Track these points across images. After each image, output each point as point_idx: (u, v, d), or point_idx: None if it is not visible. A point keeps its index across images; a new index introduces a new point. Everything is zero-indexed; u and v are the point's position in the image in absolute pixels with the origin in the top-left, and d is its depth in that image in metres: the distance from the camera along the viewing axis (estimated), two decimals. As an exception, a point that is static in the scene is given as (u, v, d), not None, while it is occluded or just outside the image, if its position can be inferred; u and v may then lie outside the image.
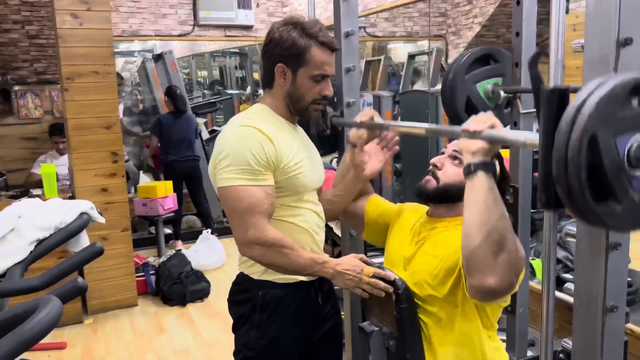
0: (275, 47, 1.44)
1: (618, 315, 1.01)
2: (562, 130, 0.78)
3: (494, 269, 1.09)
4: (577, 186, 0.76)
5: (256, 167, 1.36)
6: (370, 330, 1.52)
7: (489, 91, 2.18)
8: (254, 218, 1.35)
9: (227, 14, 6.04)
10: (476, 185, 1.12)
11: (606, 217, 0.78)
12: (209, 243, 4.46)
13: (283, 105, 1.49)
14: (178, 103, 4.92)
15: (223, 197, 1.40)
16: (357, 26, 1.92)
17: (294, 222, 1.48)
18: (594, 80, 0.79)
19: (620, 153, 0.77)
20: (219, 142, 1.43)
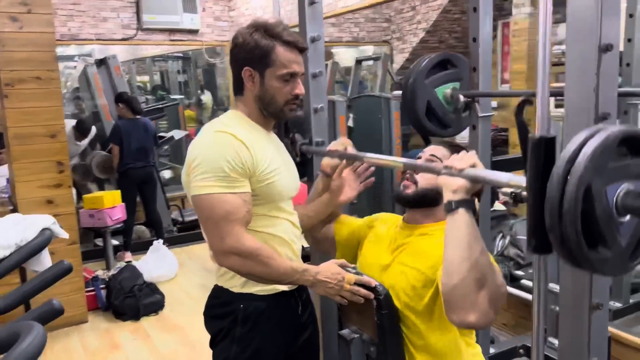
0: (240, 51, 1.41)
1: (603, 312, 1.05)
2: (555, 180, 0.80)
3: (475, 306, 1.08)
4: (573, 236, 0.78)
5: (232, 174, 1.32)
6: (351, 337, 1.50)
7: (447, 95, 2.23)
8: (230, 226, 1.31)
9: (172, 18, 5.90)
10: (457, 222, 1.13)
11: (598, 263, 0.81)
12: (160, 254, 4.32)
13: (256, 110, 1.45)
14: (136, 106, 4.78)
15: (198, 206, 1.35)
16: (322, 31, 1.91)
17: (271, 232, 1.44)
18: (581, 132, 0.82)
19: (610, 202, 0.80)
20: (193, 149, 1.38)
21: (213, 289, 1.53)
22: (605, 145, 0.79)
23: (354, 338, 1.50)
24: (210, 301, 1.53)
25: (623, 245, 0.82)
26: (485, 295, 1.07)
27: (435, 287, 1.32)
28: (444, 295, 1.13)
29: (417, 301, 1.36)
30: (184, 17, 5.94)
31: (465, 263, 1.08)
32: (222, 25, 6.40)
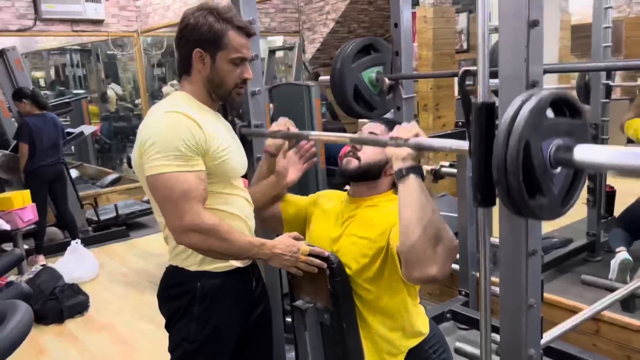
0: (191, 32, 1.42)
1: (537, 258, 1.19)
2: (500, 138, 0.91)
3: (434, 259, 1.18)
4: (516, 185, 0.90)
5: (187, 152, 1.34)
6: (305, 307, 1.57)
7: (373, 79, 2.35)
8: (189, 204, 1.33)
9: (73, 8, 5.60)
10: (409, 187, 1.22)
11: (537, 210, 0.93)
12: (80, 254, 4.14)
13: (203, 92, 1.48)
14: (42, 100, 4.52)
15: (154, 186, 1.35)
16: (256, 15, 1.94)
17: (226, 209, 1.48)
18: (518, 97, 0.93)
19: (545, 156, 0.92)
20: (144, 131, 1.38)
21: (167, 270, 1.54)
22: (539, 106, 0.91)
23: (309, 307, 1.57)
24: (164, 283, 1.53)
25: (556, 194, 0.95)
26: (441, 249, 1.18)
27: (385, 253, 1.42)
28: (404, 255, 1.23)
29: (368, 268, 1.46)
30: (86, 7, 5.67)
31: (420, 223, 1.18)
32: (127, 15, 6.16)
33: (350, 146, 1.59)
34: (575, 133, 0.94)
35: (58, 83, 9.22)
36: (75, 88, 8.94)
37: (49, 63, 9.35)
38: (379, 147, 1.55)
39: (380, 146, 1.37)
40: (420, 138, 1.24)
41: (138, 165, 1.40)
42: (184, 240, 1.37)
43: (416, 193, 1.21)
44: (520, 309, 1.19)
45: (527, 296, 1.18)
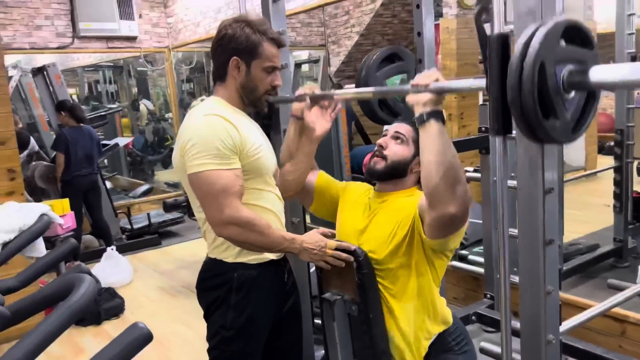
0: (229, 41, 1.55)
1: (554, 247, 1.26)
2: (514, 61, 0.95)
3: (454, 198, 1.29)
4: (530, 104, 0.93)
5: (225, 151, 1.45)
6: (334, 299, 1.66)
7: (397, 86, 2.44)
8: (228, 199, 1.44)
9: (109, 25, 5.85)
10: (429, 131, 1.30)
11: (550, 130, 0.96)
12: (115, 261, 4.30)
13: (236, 97, 1.60)
14: (79, 113, 4.73)
15: (196, 182, 1.47)
16: (285, 27, 2.07)
17: (260, 204, 1.58)
18: (532, 24, 0.96)
19: (558, 79, 0.96)
20: (185, 132, 1.50)
21: (205, 262, 1.65)
22: (554, 30, 0.94)
23: (337, 299, 1.65)
24: (203, 274, 1.64)
25: (568, 117, 0.98)
26: (460, 189, 1.29)
27: (411, 234, 1.51)
28: (427, 196, 1.33)
29: (396, 251, 1.54)
30: (121, 24, 5.91)
31: (441, 165, 1.28)
32: (159, 32, 6.40)
33: (377, 145, 1.68)
34: (588, 61, 0.96)
35: (91, 99, 9.56)
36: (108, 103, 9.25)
37: (82, 80, 9.70)
38: (404, 145, 1.65)
39: (403, 94, 1.44)
40: (440, 82, 1.30)
41: (179, 165, 1.51)
42: (223, 233, 1.48)
43: (437, 137, 1.29)
44: (538, 295, 1.25)
45: (545, 283, 1.25)
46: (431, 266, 1.56)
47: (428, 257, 1.54)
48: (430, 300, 1.58)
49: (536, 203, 1.22)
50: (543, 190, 1.21)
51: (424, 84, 1.29)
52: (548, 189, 1.22)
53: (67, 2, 5.67)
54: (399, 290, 1.57)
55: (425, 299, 1.57)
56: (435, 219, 1.35)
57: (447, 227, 1.39)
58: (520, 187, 1.25)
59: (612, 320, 2.53)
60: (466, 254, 3.71)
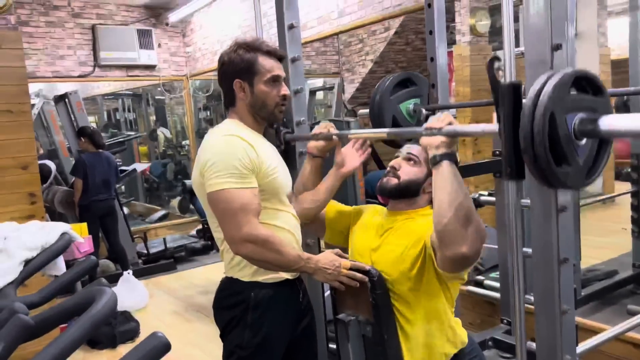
0: (227, 68, 1.61)
1: (569, 265, 1.26)
2: (526, 111, 1.00)
3: (465, 239, 1.30)
4: (543, 154, 0.97)
5: (243, 170, 1.49)
6: (348, 320, 1.66)
7: (410, 110, 2.47)
8: (246, 217, 1.47)
9: (128, 54, 6.01)
10: (443, 172, 1.34)
11: (562, 177, 1.00)
12: (131, 285, 4.33)
13: (249, 117, 1.64)
14: (98, 139, 4.84)
15: (215, 201, 1.50)
16: (300, 52, 2.12)
17: (276, 223, 1.60)
18: (543, 75, 1.02)
19: (569, 128, 1.00)
20: (204, 152, 1.54)
21: (222, 281, 1.67)
22: (562, 81, 0.98)
23: (351, 320, 1.66)
24: (220, 293, 1.65)
25: (581, 164, 1.01)
26: (472, 230, 1.30)
27: (423, 256, 1.51)
28: (438, 234, 1.34)
29: (407, 272, 1.54)
30: (140, 54, 6.06)
31: (452, 205, 1.30)
32: (178, 60, 6.55)
33: (390, 167, 1.70)
34: (599, 109, 0.99)
35: (110, 126, 9.75)
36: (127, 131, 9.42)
37: (102, 108, 9.92)
38: (417, 166, 1.67)
39: (416, 137, 1.47)
40: (453, 126, 1.33)
41: (198, 184, 1.55)
42: (241, 250, 1.50)
43: (449, 178, 1.32)
44: (554, 314, 1.25)
45: (561, 302, 1.25)
46: (444, 287, 1.56)
47: (441, 279, 1.54)
48: (445, 322, 1.58)
49: (549, 220, 1.23)
50: (556, 208, 1.22)
51: (438, 127, 1.33)
52: (561, 207, 1.23)
53: (89, 32, 5.85)
54: (411, 312, 1.56)
55: (440, 321, 1.57)
56: (446, 257, 1.36)
57: (459, 265, 1.40)
58: (533, 206, 1.26)
59: (632, 346, 2.49)
60: (482, 279, 3.68)
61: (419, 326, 1.56)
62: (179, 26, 6.51)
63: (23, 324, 0.80)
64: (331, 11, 4.80)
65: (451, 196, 1.31)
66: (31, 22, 5.53)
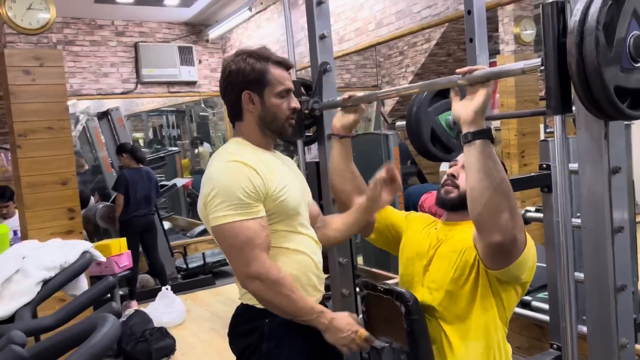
0: (235, 77, 1.48)
1: (627, 293, 1.12)
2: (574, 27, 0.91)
3: (497, 227, 1.19)
4: (594, 72, 0.88)
5: (247, 200, 1.38)
6: (382, 346, 1.55)
7: (450, 122, 2.34)
8: (254, 252, 1.37)
9: (169, 71, 6.08)
10: (473, 152, 1.20)
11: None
12: (169, 300, 4.32)
13: (257, 132, 1.53)
14: (139, 154, 4.93)
15: (219, 235, 1.41)
16: (332, 60, 2.06)
17: (290, 246, 1.49)
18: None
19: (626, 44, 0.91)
20: (207, 182, 1.44)
21: (237, 308, 1.57)
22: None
23: (385, 347, 1.54)
24: (234, 320, 1.56)
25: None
26: (507, 217, 1.17)
27: (477, 266, 1.41)
28: (473, 221, 1.25)
29: (459, 280, 1.44)
30: (181, 70, 6.13)
31: (486, 191, 1.18)
32: (217, 76, 6.57)
33: (448, 175, 1.61)
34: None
35: (155, 142, 9.96)
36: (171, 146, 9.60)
37: (147, 124, 10.14)
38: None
39: (451, 86, 1.34)
40: (489, 68, 1.21)
41: (204, 216, 1.46)
42: (248, 287, 1.41)
43: (482, 160, 1.19)
44: (611, 348, 1.11)
45: (619, 335, 1.10)
46: (497, 299, 1.44)
47: (494, 289, 1.42)
48: (495, 341, 1.45)
49: (604, 243, 1.09)
50: (612, 229, 1.09)
51: (473, 68, 1.22)
52: (617, 228, 1.09)
53: (131, 50, 5.96)
54: (462, 328, 1.45)
55: (490, 338, 1.44)
56: (482, 248, 1.26)
57: (498, 257, 1.28)
58: (585, 226, 1.13)
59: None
60: (529, 299, 3.48)
61: (469, 343, 1.44)
62: (218, 42, 6.57)
63: (14, 356, 0.73)
64: (369, 23, 4.73)
65: (484, 182, 1.19)
66: (77, 41, 5.68)
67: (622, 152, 1.07)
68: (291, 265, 1.48)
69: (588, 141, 1.08)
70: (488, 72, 1.22)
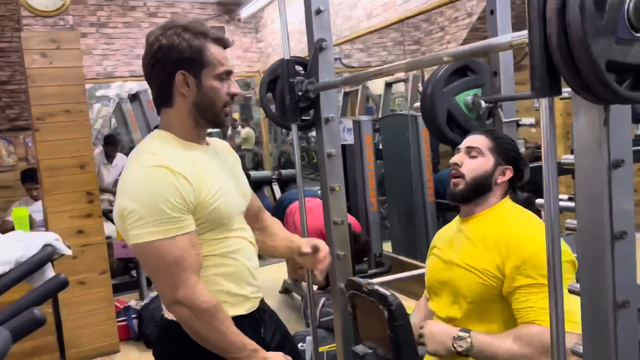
0: (168, 54, 1.25)
1: (630, 311, 0.93)
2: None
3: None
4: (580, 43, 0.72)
5: (174, 213, 1.19)
6: (364, 352, 1.42)
7: (469, 102, 2.15)
8: (183, 275, 1.20)
9: (202, 52, 6.04)
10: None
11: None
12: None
13: (189, 121, 1.31)
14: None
15: (142, 255, 1.22)
16: (331, 39, 1.88)
17: (220, 253, 1.32)
18: None
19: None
20: (124, 189, 1.23)
21: (161, 325, 1.39)
22: None
23: (367, 353, 1.41)
24: (160, 337, 1.40)
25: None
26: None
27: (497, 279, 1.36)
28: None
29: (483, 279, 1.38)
30: (213, 51, 6.07)
31: None
32: (250, 57, 6.51)
33: (452, 164, 1.53)
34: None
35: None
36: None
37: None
38: (481, 157, 1.49)
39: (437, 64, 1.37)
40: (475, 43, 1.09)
41: (121, 229, 1.26)
42: (175, 312, 1.25)
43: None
44: (608, 376, 0.93)
45: (617, 356, 0.92)
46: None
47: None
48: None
49: (602, 251, 0.91)
50: (611, 234, 0.90)
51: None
52: (619, 234, 0.90)
53: (164, 31, 5.95)
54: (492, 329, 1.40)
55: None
56: None
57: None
58: (581, 230, 0.94)
59: None
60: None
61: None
62: (251, 21, 6.46)
63: None
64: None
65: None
66: (110, 23, 5.71)
67: (627, 142, 0.88)
68: (219, 275, 1.32)
69: (584, 128, 0.89)
70: (473, 47, 1.06)
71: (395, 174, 4.14)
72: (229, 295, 1.33)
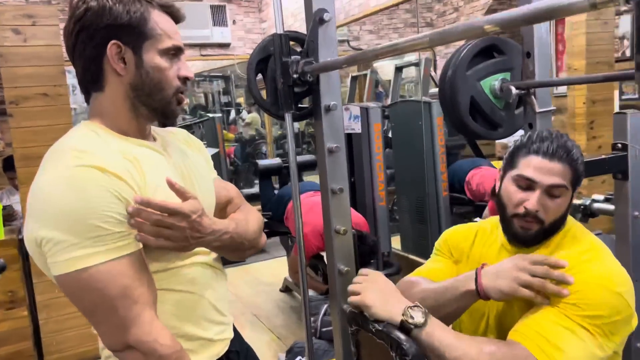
0: (97, 19, 0.95)
1: None
2: None
3: None
4: None
5: (111, 227, 0.90)
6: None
7: (496, 89, 1.86)
8: (134, 309, 0.91)
9: (201, 32, 5.73)
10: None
11: None
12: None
13: (126, 111, 1.01)
14: None
15: (71, 290, 0.92)
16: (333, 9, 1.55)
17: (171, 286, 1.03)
18: None
19: None
20: (38, 204, 0.91)
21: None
22: None
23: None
24: None
25: None
26: None
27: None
28: None
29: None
30: (214, 31, 5.77)
31: None
32: (253, 38, 6.18)
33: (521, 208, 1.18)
34: None
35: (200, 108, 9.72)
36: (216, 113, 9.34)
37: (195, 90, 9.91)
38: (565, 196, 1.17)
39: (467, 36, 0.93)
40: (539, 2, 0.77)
41: (37, 257, 0.95)
42: (126, 357, 0.94)
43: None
44: None
45: None
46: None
47: None
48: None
49: None
50: None
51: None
52: None
53: (161, 10, 5.64)
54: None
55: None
56: None
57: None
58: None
59: None
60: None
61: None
62: (254, 0, 6.12)
63: None
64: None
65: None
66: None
67: None
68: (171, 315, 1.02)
69: None
70: (530, 9, 0.74)
71: (405, 165, 3.83)
72: (186, 340, 1.03)
